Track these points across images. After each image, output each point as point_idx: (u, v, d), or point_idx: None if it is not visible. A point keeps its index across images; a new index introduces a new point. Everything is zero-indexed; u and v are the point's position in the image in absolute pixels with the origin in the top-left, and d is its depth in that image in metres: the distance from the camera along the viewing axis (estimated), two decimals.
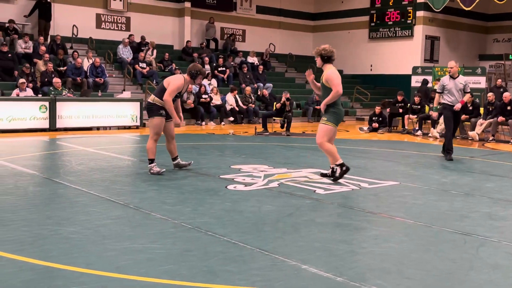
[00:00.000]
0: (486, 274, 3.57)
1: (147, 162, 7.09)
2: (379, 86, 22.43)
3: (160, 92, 6.91)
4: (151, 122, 6.96)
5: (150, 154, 6.99)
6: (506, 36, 23.60)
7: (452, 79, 9.25)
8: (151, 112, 6.94)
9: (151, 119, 6.96)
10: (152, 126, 6.95)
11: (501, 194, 6.31)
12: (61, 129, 13.02)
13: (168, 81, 6.93)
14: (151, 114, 6.95)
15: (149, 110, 6.98)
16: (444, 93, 9.27)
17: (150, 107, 6.95)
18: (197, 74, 6.99)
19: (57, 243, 4.01)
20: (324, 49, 6.55)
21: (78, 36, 18.72)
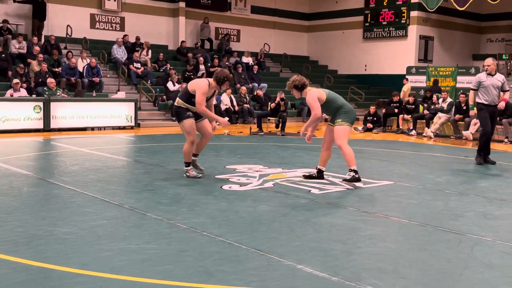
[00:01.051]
0: (480, 273, 3.59)
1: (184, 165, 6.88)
2: (374, 86, 22.48)
3: (185, 94, 6.73)
4: (182, 126, 6.75)
5: (186, 157, 6.79)
6: (500, 36, 23.71)
7: (490, 76, 8.71)
8: (179, 116, 6.74)
9: (181, 123, 6.74)
10: (184, 130, 6.74)
11: (496, 193, 6.33)
12: (56, 130, 12.98)
13: (192, 86, 6.70)
14: (179, 118, 6.75)
15: (177, 114, 6.78)
16: (480, 91, 8.74)
17: (177, 111, 6.76)
18: (224, 80, 6.66)
19: (52, 244, 4.00)
20: (294, 80, 6.56)
21: (72, 36, 18.67)
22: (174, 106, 6.91)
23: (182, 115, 6.72)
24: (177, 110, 6.78)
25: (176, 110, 6.79)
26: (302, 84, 6.55)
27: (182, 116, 6.71)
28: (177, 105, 6.78)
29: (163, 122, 15.74)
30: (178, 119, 6.81)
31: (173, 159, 8.56)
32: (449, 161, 9.44)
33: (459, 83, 17.69)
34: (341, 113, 6.52)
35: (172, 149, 9.96)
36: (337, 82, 22.64)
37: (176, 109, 6.81)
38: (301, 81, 6.57)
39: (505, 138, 12.76)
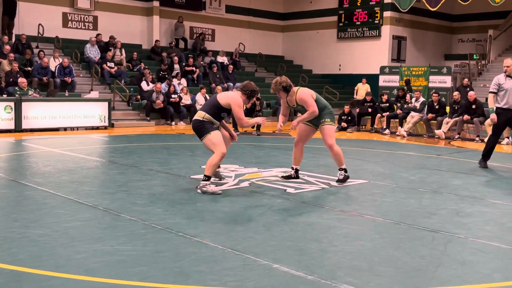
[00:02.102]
0: (454, 269, 3.64)
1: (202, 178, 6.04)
2: (348, 85, 22.64)
3: (213, 108, 6.10)
4: (208, 140, 6.00)
5: (211, 170, 5.99)
6: (471, 36, 24.12)
7: (510, 78, 8.33)
8: (205, 129, 6.01)
9: (206, 137, 6.00)
10: (211, 143, 6.00)
11: (468, 191, 6.44)
12: (27, 130, 12.77)
13: (226, 99, 6.10)
14: (204, 131, 6.02)
15: (202, 128, 6.03)
16: (499, 95, 8.31)
17: (201, 125, 6.05)
18: (254, 94, 6.27)
19: (24, 246, 3.93)
20: (282, 82, 6.49)
21: (44, 35, 18.37)
22: (196, 121, 6.09)
23: (208, 127, 6.03)
24: (200, 124, 6.05)
25: (199, 125, 6.05)
26: (289, 84, 6.54)
27: (209, 128, 6.03)
28: (202, 119, 6.06)
29: (137, 122, 15.61)
30: (202, 133, 6.04)
31: (147, 159, 8.49)
32: (422, 159, 9.57)
33: (432, 82, 17.95)
34: (327, 113, 6.59)
35: (146, 149, 9.89)
36: (311, 81, 22.73)
37: (198, 124, 6.06)
38: (288, 82, 6.55)
39: (477, 137, 12.98)
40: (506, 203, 5.83)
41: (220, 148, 5.99)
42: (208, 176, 5.99)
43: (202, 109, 6.21)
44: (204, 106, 6.30)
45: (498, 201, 5.92)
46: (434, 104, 14.11)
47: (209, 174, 5.99)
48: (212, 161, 5.97)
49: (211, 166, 5.97)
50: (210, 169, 5.98)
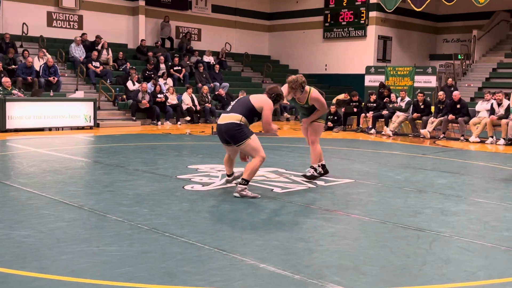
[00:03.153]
0: (439, 268, 3.67)
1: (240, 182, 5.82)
2: (334, 85, 22.73)
3: (249, 111, 5.79)
4: (249, 145, 5.72)
5: (251, 174, 5.79)
6: (455, 36, 24.34)
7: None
8: (244, 134, 5.70)
9: (247, 142, 5.71)
10: (253, 148, 5.74)
11: (453, 190, 6.50)
12: (11, 130, 12.64)
13: (260, 103, 5.83)
14: (244, 136, 5.70)
15: (241, 133, 5.70)
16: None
17: (239, 129, 5.70)
18: (279, 99, 6.05)
19: (9, 247, 3.89)
20: (303, 81, 6.65)
21: (28, 35, 18.21)
22: (234, 125, 5.71)
23: (247, 132, 5.74)
24: (239, 128, 5.70)
25: (238, 129, 5.70)
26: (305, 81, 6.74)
27: (248, 133, 5.73)
28: (240, 122, 5.72)
29: (123, 122, 15.53)
30: (241, 138, 5.71)
31: (133, 159, 8.46)
32: (408, 159, 9.64)
33: (417, 82, 18.06)
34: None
35: (132, 149, 9.84)
36: None
37: (237, 128, 5.70)
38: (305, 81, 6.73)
39: (461, 136, 13.10)
40: (489, 202, 5.90)
41: (261, 153, 5.78)
42: (247, 180, 5.78)
43: (235, 112, 5.79)
44: (236, 108, 5.84)
45: (482, 200, 5.99)
46: (419, 104, 14.21)
47: (248, 179, 5.78)
48: (255, 166, 5.75)
49: (253, 171, 5.77)
50: (251, 174, 5.78)
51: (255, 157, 5.78)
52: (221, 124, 5.85)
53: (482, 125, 12.83)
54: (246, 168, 5.79)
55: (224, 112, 5.96)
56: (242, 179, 5.81)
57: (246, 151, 5.86)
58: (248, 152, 5.85)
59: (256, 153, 5.78)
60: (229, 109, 5.92)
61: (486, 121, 12.75)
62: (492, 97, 13.25)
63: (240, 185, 5.77)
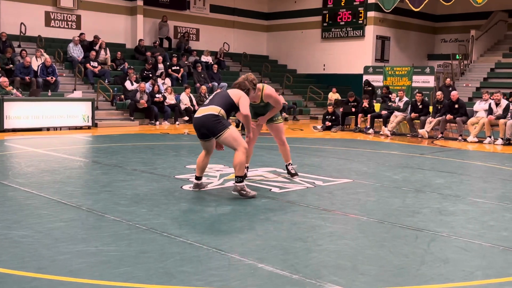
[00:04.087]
0: (437, 268, 3.68)
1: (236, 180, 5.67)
2: (332, 85, 22.75)
3: (227, 105, 5.75)
4: (230, 136, 5.63)
5: (242, 170, 5.64)
6: (453, 36, 24.36)
7: None
8: (222, 125, 5.62)
9: (226, 132, 5.62)
10: (234, 139, 5.64)
11: (451, 190, 6.51)
12: (9, 130, 12.63)
13: (237, 97, 5.83)
14: (222, 127, 5.61)
15: (219, 124, 5.62)
16: None
17: (217, 120, 5.63)
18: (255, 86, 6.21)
19: (7, 247, 3.89)
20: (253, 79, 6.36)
21: (26, 34, 18.19)
22: (212, 116, 5.64)
23: (225, 123, 5.67)
24: (216, 119, 5.63)
25: (216, 120, 5.63)
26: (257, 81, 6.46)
27: (226, 124, 5.67)
28: (218, 114, 5.66)
29: (121, 122, 15.52)
30: (219, 128, 5.62)
31: (131, 159, 8.45)
32: (406, 158, 9.64)
33: (415, 82, 18.10)
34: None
35: (130, 149, 9.83)
36: (296, 81, 22.81)
37: (215, 119, 5.63)
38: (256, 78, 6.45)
39: (459, 136, 13.11)
40: (487, 202, 5.90)
41: (242, 143, 5.66)
42: (241, 176, 5.63)
43: (214, 104, 5.74)
44: (215, 101, 5.80)
45: (480, 200, 5.99)
46: (417, 104, 14.22)
47: (241, 174, 5.63)
48: (241, 159, 5.58)
49: (242, 164, 5.60)
50: (242, 168, 5.62)
51: (236, 148, 5.62)
52: (198, 117, 5.72)
53: (480, 125, 12.85)
54: (234, 165, 5.62)
55: (202, 106, 5.88)
56: (236, 177, 5.65)
57: (227, 143, 5.66)
58: (228, 144, 5.66)
59: (238, 144, 5.63)
60: (207, 102, 5.87)
61: (484, 121, 12.76)
62: (490, 97, 13.27)
63: (237, 184, 5.64)
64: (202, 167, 6.04)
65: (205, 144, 5.91)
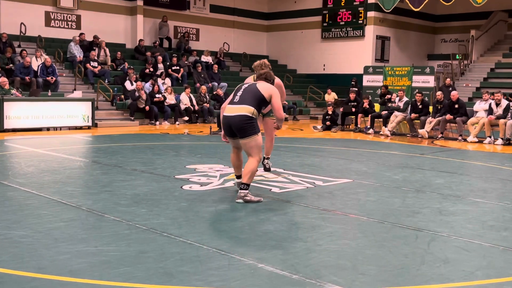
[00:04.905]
0: (437, 268, 3.68)
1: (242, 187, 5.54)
2: (332, 85, 22.74)
3: (258, 102, 5.52)
4: (255, 142, 5.47)
5: (251, 178, 5.51)
6: (453, 36, 24.36)
7: None
8: (254, 129, 5.46)
9: (254, 137, 5.46)
10: (257, 146, 5.49)
11: (451, 190, 6.50)
12: (9, 130, 12.62)
13: (268, 91, 5.58)
14: (253, 131, 5.45)
15: (251, 127, 5.45)
16: None
17: (251, 123, 5.44)
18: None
19: (6, 248, 3.89)
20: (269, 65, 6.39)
21: (26, 34, 18.19)
22: (246, 117, 5.43)
23: (256, 127, 5.50)
24: (250, 122, 5.44)
25: (249, 122, 5.43)
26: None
27: (256, 128, 5.49)
28: (252, 115, 5.46)
29: (121, 122, 15.52)
30: (250, 131, 5.44)
31: (131, 159, 8.45)
32: (406, 158, 9.64)
33: (415, 82, 18.10)
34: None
35: (130, 149, 9.83)
36: (296, 81, 22.81)
37: (248, 121, 5.43)
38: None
39: (459, 136, 13.11)
40: (487, 202, 5.90)
41: (260, 154, 5.57)
42: (248, 184, 5.51)
43: (247, 104, 5.47)
44: (247, 100, 5.51)
45: (480, 200, 5.99)
46: (417, 104, 14.21)
47: (249, 182, 5.51)
48: (254, 168, 5.48)
49: (253, 173, 5.50)
50: (252, 177, 5.52)
51: (254, 156, 5.50)
52: (231, 116, 5.49)
53: (480, 125, 12.84)
54: (245, 172, 5.50)
55: (232, 103, 5.58)
56: (242, 183, 5.52)
57: (248, 147, 5.49)
58: (249, 149, 5.49)
59: (257, 153, 5.51)
60: (237, 99, 5.56)
61: (484, 121, 12.76)
62: (490, 97, 13.27)
63: (242, 191, 5.50)
64: (239, 165, 5.95)
65: (235, 142, 5.72)
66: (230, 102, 5.64)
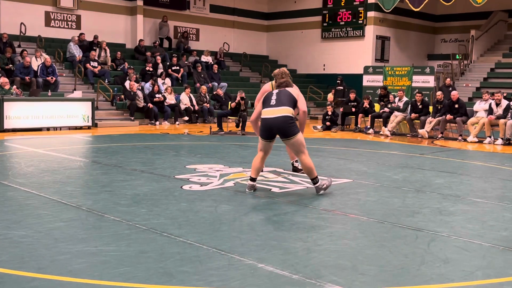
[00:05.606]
0: (437, 268, 3.67)
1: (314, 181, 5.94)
2: (332, 85, 22.68)
3: (293, 104, 5.97)
4: (299, 140, 5.87)
5: (314, 171, 5.89)
6: (453, 36, 24.35)
7: None
8: (296, 127, 5.87)
9: (298, 135, 5.86)
10: (302, 143, 5.90)
11: (450, 190, 6.50)
12: (9, 130, 12.63)
13: (296, 92, 6.10)
14: (296, 130, 5.85)
15: (294, 126, 5.83)
16: None
17: (293, 123, 5.84)
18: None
19: (6, 248, 3.89)
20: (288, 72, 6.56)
21: (26, 34, 18.19)
22: (289, 118, 5.82)
23: (297, 126, 5.93)
24: (292, 122, 5.84)
25: (292, 123, 5.83)
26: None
27: (297, 128, 5.92)
28: (293, 116, 5.88)
29: (121, 122, 15.52)
30: (294, 131, 5.83)
31: (131, 159, 8.45)
32: (406, 158, 9.64)
33: (415, 82, 18.09)
34: None
35: (130, 149, 9.83)
36: (296, 81, 22.52)
37: (291, 121, 5.83)
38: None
39: (459, 136, 13.11)
40: (487, 202, 5.90)
41: (305, 149, 5.92)
42: (316, 176, 5.91)
43: (284, 105, 5.86)
44: (285, 102, 5.90)
45: (480, 200, 5.99)
46: (417, 104, 14.22)
47: (316, 175, 5.91)
48: (310, 162, 5.87)
49: (312, 166, 5.86)
50: (313, 170, 5.87)
51: (304, 152, 5.87)
52: (274, 118, 5.81)
53: (480, 125, 12.85)
54: (307, 169, 5.86)
55: (269, 106, 5.90)
56: (312, 179, 5.91)
57: (296, 146, 5.88)
58: (297, 147, 5.88)
59: (304, 148, 5.89)
60: (274, 103, 5.90)
61: (484, 121, 12.76)
62: (490, 97, 13.27)
63: (317, 185, 5.91)
64: (259, 169, 6.12)
65: (269, 145, 6.05)
66: (267, 106, 5.94)
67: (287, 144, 6.03)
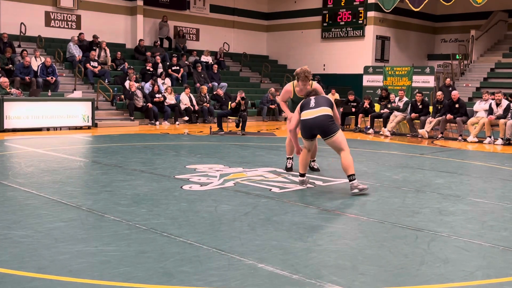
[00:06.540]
0: (437, 268, 3.67)
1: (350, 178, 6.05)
2: (332, 85, 22.73)
3: (332, 107, 6.29)
4: (340, 137, 6.12)
5: (353, 167, 6.08)
6: (453, 36, 24.35)
7: None
8: (335, 126, 6.13)
9: (338, 133, 6.12)
10: (343, 140, 6.13)
11: (450, 190, 6.50)
12: (9, 130, 12.63)
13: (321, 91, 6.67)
14: (336, 128, 6.12)
15: (333, 125, 6.11)
16: None
17: (332, 122, 6.11)
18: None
19: (6, 248, 3.89)
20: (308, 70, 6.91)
21: (26, 34, 18.19)
22: (329, 116, 6.12)
23: (337, 125, 6.21)
24: (332, 121, 6.13)
25: (332, 122, 6.12)
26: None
27: (337, 126, 6.19)
28: (331, 115, 6.17)
29: (121, 122, 15.52)
30: (333, 129, 6.10)
31: (131, 159, 8.45)
32: (406, 158, 9.64)
33: (415, 82, 18.09)
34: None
35: (130, 149, 9.83)
36: None
37: (331, 120, 6.12)
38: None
39: (459, 136, 13.11)
40: (487, 202, 5.90)
41: (347, 145, 6.14)
42: (353, 174, 6.04)
43: (324, 106, 6.17)
44: (321, 103, 6.20)
45: (480, 200, 5.99)
46: (417, 104, 14.22)
47: (354, 172, 6.06)
48: (351, 158, 6.08)
49: (352, 163, 6.07)
50: (352, 167, 6.06)
51: (345, 149, 6.07)
52: (315, 117, 6.09)
53: (480, 125, 12.85)
54: (348, 165, 6.00)
55: (308, 108, 6.18)
56: (350, 175, 6.02)
57: (337, 143, 6.10)
58: (338, 145, 6.09)
59: (345, 145, 6.09)
60: (313, 105, 6.19)
61: (484, 121, 12.76)
62: (490, 97, 13.26)
63: (353, 182, 6.00)
64: (307, 164, 6.45)
65: (311, 144, 6.38)
66: (307, 109, 6.21)
67: (327, 142, 6.17)
